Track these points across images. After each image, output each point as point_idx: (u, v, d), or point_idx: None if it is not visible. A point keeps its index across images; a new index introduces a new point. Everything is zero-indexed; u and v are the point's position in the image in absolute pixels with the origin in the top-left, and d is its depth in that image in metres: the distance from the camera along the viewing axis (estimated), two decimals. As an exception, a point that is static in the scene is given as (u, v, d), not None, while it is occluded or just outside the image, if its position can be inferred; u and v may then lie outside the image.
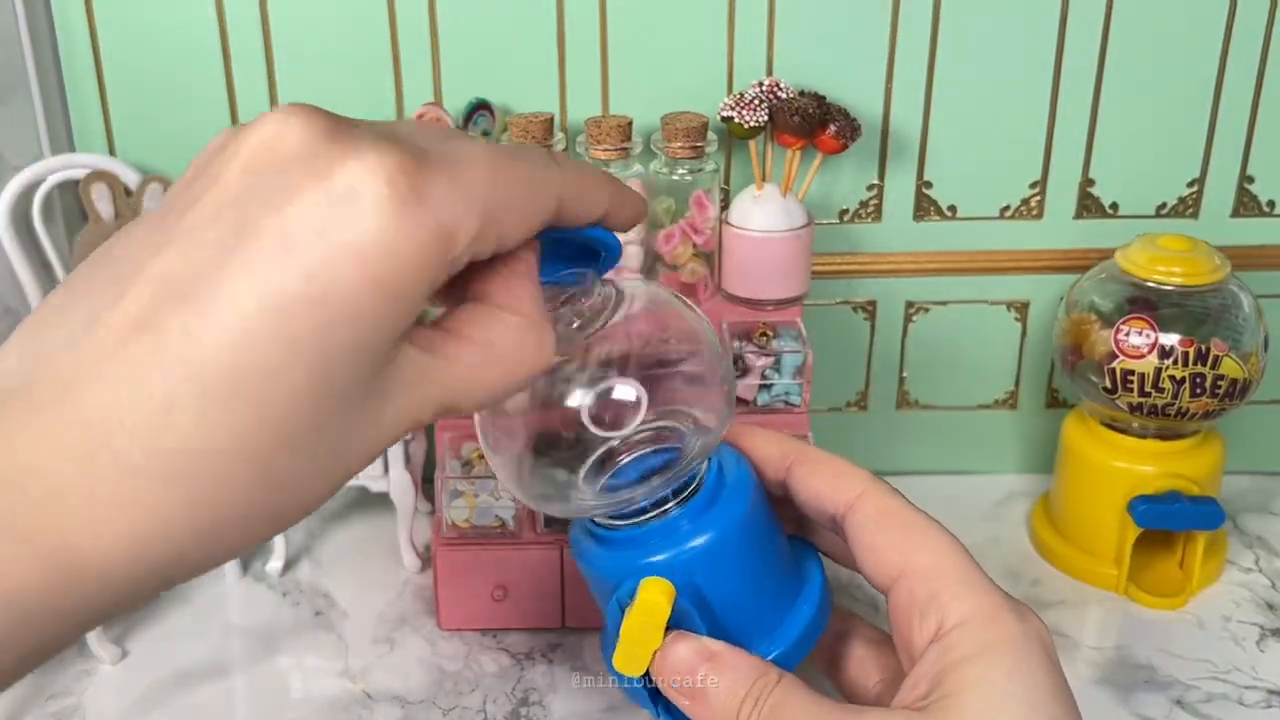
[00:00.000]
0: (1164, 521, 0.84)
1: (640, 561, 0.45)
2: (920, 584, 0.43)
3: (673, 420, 0.46)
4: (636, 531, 0.46)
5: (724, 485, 0.47)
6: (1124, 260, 0.85)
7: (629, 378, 0.45)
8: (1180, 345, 0.82)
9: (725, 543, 0.45)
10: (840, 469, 0.48)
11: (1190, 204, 0.94)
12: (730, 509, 0.46)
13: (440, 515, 0.82)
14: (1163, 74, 0.89)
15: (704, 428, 0.47)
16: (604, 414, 0.45)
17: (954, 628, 0.42)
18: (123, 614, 0.38)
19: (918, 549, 0.44)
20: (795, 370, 0.85)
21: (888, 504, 0.46)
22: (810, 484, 0.48)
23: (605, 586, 0.46)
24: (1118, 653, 0.81)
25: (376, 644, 0.83)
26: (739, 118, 0.83)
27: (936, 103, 0.90)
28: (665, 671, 0.44)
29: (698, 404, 0.47)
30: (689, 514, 0.46)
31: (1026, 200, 0.93)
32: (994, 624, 0.41)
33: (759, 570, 0.47)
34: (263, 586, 0.89)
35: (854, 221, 0.94)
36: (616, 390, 0.45)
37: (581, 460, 0.46)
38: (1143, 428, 0.87)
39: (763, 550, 0.47)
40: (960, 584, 0.43)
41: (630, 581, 0.45)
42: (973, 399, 1.00)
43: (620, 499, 0.46)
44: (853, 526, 0.46)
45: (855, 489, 0.47)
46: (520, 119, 0.83)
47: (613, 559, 0.46)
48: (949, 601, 0.42)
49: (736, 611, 0.46)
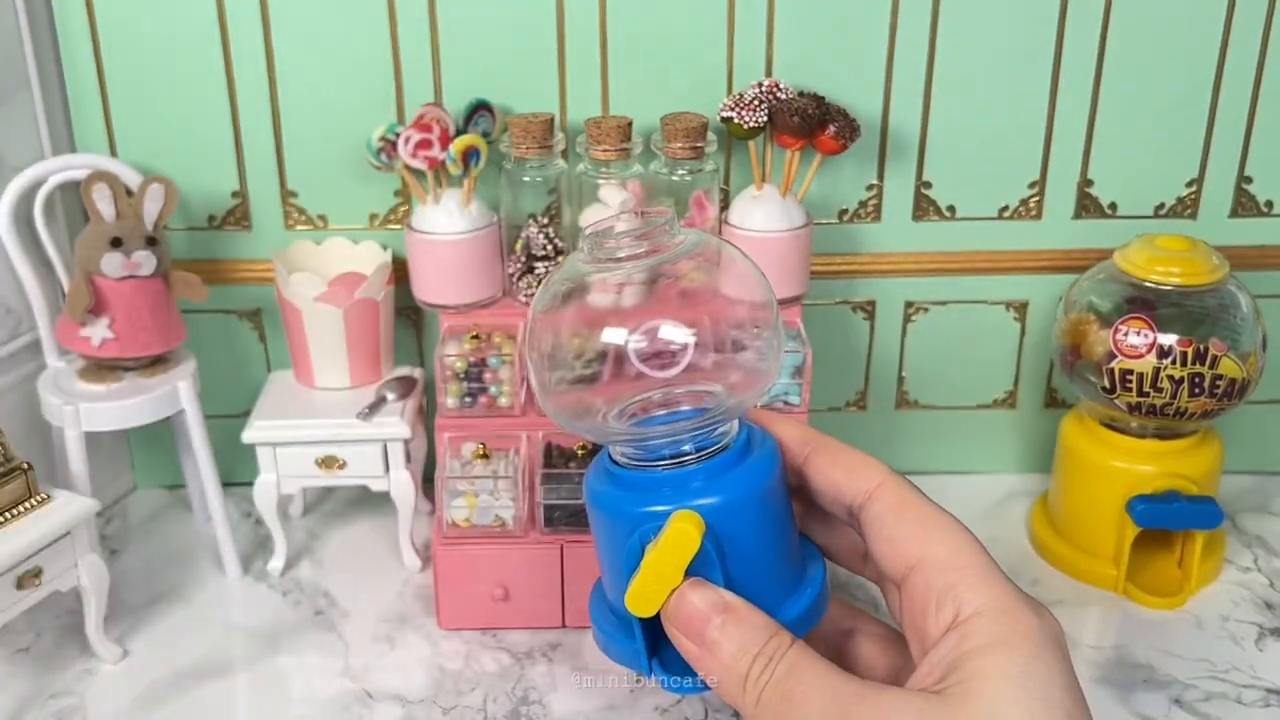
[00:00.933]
0: (1162, 521, 0.84)
1: (679, 501, 0.45)
2: (937, 574, 0.44)
3: (719, 376, 0.47)
4: (669, 474, 0.46)
5: (752, 450, 0.48)
6: (1122, 260, 0.86)
7: (684, 324, 0.46)
8: (1179, 345, 0.82)
9: (750, 502, 0.46)
10: (859, 460, 0.48)
11: (1189, 204, 0.94)
12: (760, 470, 0.47)
13: (440, 515, 0.82)
14: (1161, 74, 0.89)
15: (747, 387, 0.47)
16: (653, 353, 0.45)
17: (970, 617, 0.42)
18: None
19: (935, 540, 0.45)
20: (794, 370, 0.85)
21: (906, 496, 0.46)
22: (830, 474, 0.48)
23: (623, 525, 0.46)
24: (1116, 652, 0.82)
25: (377, 643, 0.83)
26: (738, 118, 0.84)
27: (936, 103, 0.90)
28: (679, 616, 0.44)
29: (746, 365, 0.47)
30: (720, 466, 0.47)
31: (1025, 200, 0.94)
32: (1009, 617, 0.42)
33: (773, 541, 0.47)
34: (263, 586, 0.89)
35: (853, 221, 0.94)
36: (668, 332, 0.45)
37: (619, 391, 0.46)
38: (1141, 427, 0.87)
39: (779, 523, 0.48)
40: (977, 576, 0.43)
41: (656, 519, 0.45)
42: (972, 399, 1.01)
43: (656, 435, 0.46)
44: (870, 517, 0.47)
45: (874, 480, 0.47)
46: (520, 119, 0.84)
47: (642, 497, 0.46)
48: (965, 592, 0.43)
49: (748, 577, 0.46)
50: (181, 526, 0.97)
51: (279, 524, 0.90)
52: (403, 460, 0.88)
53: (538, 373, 0.48)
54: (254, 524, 0.97)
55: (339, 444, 0.87)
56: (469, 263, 0.86)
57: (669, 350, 0.46)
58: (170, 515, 0.99)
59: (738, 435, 0.48)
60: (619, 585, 0.47)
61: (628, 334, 0.45)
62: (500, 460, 0.84)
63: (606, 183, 0.85)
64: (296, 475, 0.88)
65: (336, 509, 0.99)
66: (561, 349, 0.47)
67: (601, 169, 0.85)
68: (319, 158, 0.91)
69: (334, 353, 0.90)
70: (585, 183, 0.86)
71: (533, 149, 0.84)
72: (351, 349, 0.89)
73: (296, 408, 0.89)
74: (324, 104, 0.89)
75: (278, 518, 0.89)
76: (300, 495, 0.98)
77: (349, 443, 0.87)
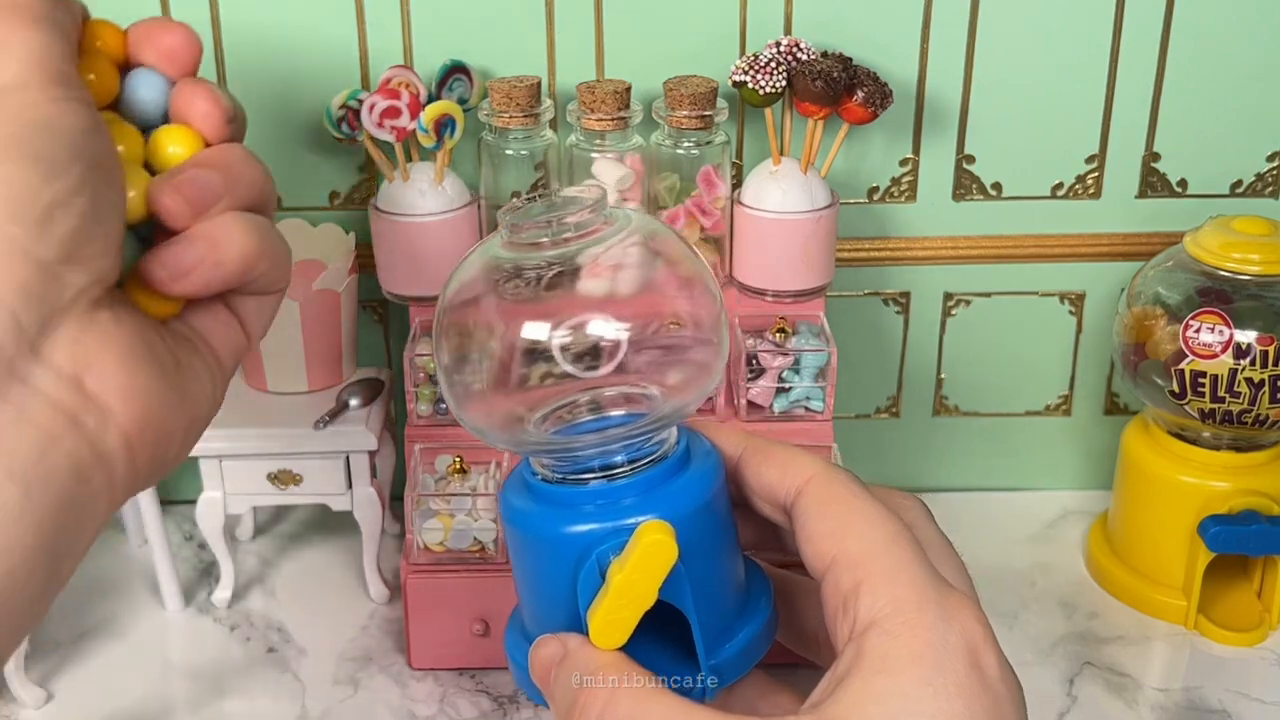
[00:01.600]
0: (1239, 545, 0.84)
1: (607, 519, 0.45)
2: (846, 574, 0.43)
3: (655, 376, 0.47)
4: (598, 489, 0.47)
5: (692, 461, 0.48)
6: (1194, 246, 0.85)
7: (612, 316, 0.46)
8: (1258, 343, 0.82)
9: (688, 520, 0.46)
10: (792, 456, 0.48)
11: (1269, 181, 0.93)
12: (700, 483, 0.47)
13: (411, 538, 0.82)
14: (1238, 33, 0.89)
15: (686, 389, 0.48)
16: (580, 350, 0.45)
17: (867, 629, 0.41)
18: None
19: (851, 536, 0.44)
20: (817, 372, 0.85)
21: (834, 490, 0.46)
22: (762, 474, 0.49)
23: (548, 549, 0.46)
24: (1186, 695, 0.81)
25: (338, 685, 0.83)
26: (753, 83, 0.83)
27: (979, 65, 0.90)
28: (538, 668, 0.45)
29: (685, 364, 0.48)
30: (656, 478, 0.47)
31: (1082, 177, 0.93)
32: (908, 629, 0.41)
33: (713, 566, 0.47)
34: (208, 619, 0.89)
35: (885, 201, 0.94)
36: (597, 327, 0.46)
37: (543, 394, 0.46)
38: (1215, 438, 0.87)
39: (720, 543, 0.48)
40: (882, 574, 0.42)
41: (614, 536, 0.45)
42: (1020, 405, 1.01)
43: (583, 445, 0.47)
44: (797, 514, 0.47)
45: (804, 474, 0.47)
46: (502, 84, 0.83)
47: (567, 516, 0.46)
48: (865, 596, 0.42)
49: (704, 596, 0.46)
50: (113, 551, 0.97)
51: (225, 548, 0.89)
52: (367, 475, 0.88)
53: (446, 376, 0.48)
54: (197, 548, 0.96)
55: (294, 457, 0.87)
56: (443, 248, 0.86)
57: (598, 347, 0.46)
58: (101, 538, 0.97)
59: (676, 444, 0.48)
60: (551, 615, 0.47)
61: (550, 329, 0.46)
62: (479, 476, 0.84)
63: (601, 156, 0.84)
64: (245, 492, 0.88)
65: (292, 531, 0.99)
66: (473, 347, 0.47)
67: (596, 141, 0.84)
68: (271, 129, 0.91)
69: (289, 352, 0.89)
70: (577, 156, 0.85)
71: (516, 118, 0.84)
72: (309, 348, 0.89)
73: (245, 415, 0.88)
74: (276, 67, 0.89)
75: (224, 541, 0.89)
76: (250, 515, 0.98)
77: (306, 455, 0.87)
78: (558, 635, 0.46)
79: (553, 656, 0.45)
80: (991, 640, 0.41)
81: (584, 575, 0.45)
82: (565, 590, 0.45)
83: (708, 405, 0.86)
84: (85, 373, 0.43)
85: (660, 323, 0.47)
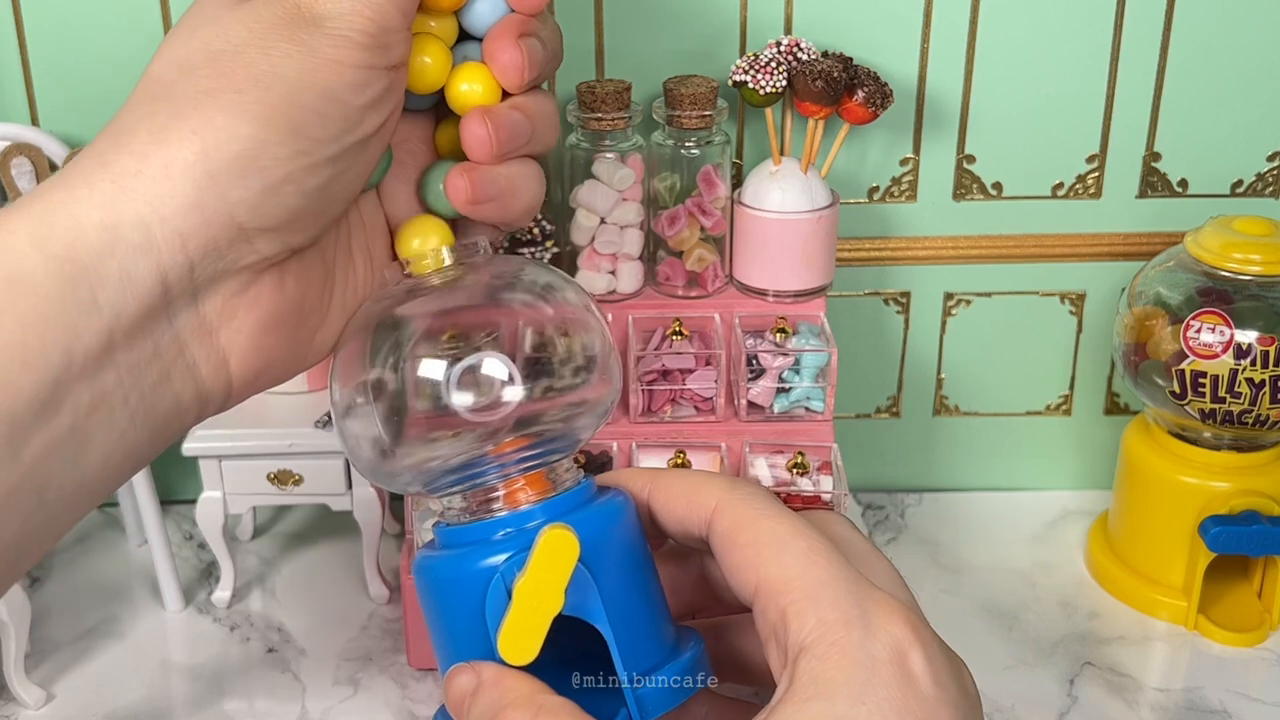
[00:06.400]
0: (1240, 546, 0.84)
1: (520, 544, 0.45)
2: (770, 603, 0.42)
3: (546, 407, 0.48)
4: (506, 517, 0.47)
5: (600, 496, 0.48)
6: (1195, 246, 0.85)
7: (504, 355, 0.47)
8: (1259, 344, 0.82)
9: (599, 545, 0.45)
10: (695, 485, 0.47)
11: (1270, 181, 0.94)
12: (608, 513, 0.47)
13: (412, 538, 0.82)
14: (1241, 31, 0.89)
15: (580, 413, 0.49)
16: (472, 390, 0.46)
17: (798, 655, 0.41)
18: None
19: (767, 562, 0.43)
20: (818, 372, 0.85)
21: (741, 516, 0.45)
22: (670, 508, 0.48)
23: (465, 587, 0.46)
24: (1186, 695, 0.81)
25: (338, 685, 0.83)
26: (753, 82, 0.83)
27: (979, 65, 0.90)
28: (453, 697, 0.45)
29: (575, 390, 0.48)
30: (563, 505, 0.47)
31: (1083, 177, 0.93)
32: (836, 650, 0.40)
33: (632, 598, 0.47)
34: (207, 619, 0.89)
35: (885, 201, 0.94)
36: (489, 367, 0.47)
37: (440, 433, 0.47)
38: (1216, 438, 0.87)
39: (635, 576, 0.47)
40: (805, 597, 0.42)
41: (519, 555, 0.44)
42: (1020, 405, 1.01)
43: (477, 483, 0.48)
44: (714, 547, 0.46)
45: (709, 503, 0.46)
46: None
47: (480, 549, 0.46)
48: (792, 622, 0.41)
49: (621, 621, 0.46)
50: (113, 551, 0.97)
51: (225, 548, 0.89)
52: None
53: (339, 422, 0.49)
54: (197, 548, 0.96)
55: (294, 456, 0.87)
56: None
57: (491, 389, 0.47)
58: (101, 538, 0.98)
59: (582, 483, 0.49)
60: (469, 655, 0.46)
61: (444, 375, 0.47)
62: (479, 475, 0.84)
63: (602, 157, 0.84)
64: (245, 492, 0.88)
65: (292, 531, 0.99)
66: (363, 398, 0.48)
67: (596, 141, 0.84)
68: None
69: (289, 352, 0.89)
70: (577, 157, 0.85)
71: (517, 118, 0.84)
72: (309, 347, 0.89)
73: (245, 415, 0.87)
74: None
75: (224, 541, 0.89)
76: (250, 515, 0.98)
77: (306, 455, 0.87)
78: (471, 664, 0.44)
79: (466, 686, 0.44)
80: (920, 640, 0.41)
81: (491, 597, 0.45)
82: (478, 624, 0.45)
83: (707, 406, 0.86)
84: (225, 326, 0.44)
85: (545, 356, 0.48)
